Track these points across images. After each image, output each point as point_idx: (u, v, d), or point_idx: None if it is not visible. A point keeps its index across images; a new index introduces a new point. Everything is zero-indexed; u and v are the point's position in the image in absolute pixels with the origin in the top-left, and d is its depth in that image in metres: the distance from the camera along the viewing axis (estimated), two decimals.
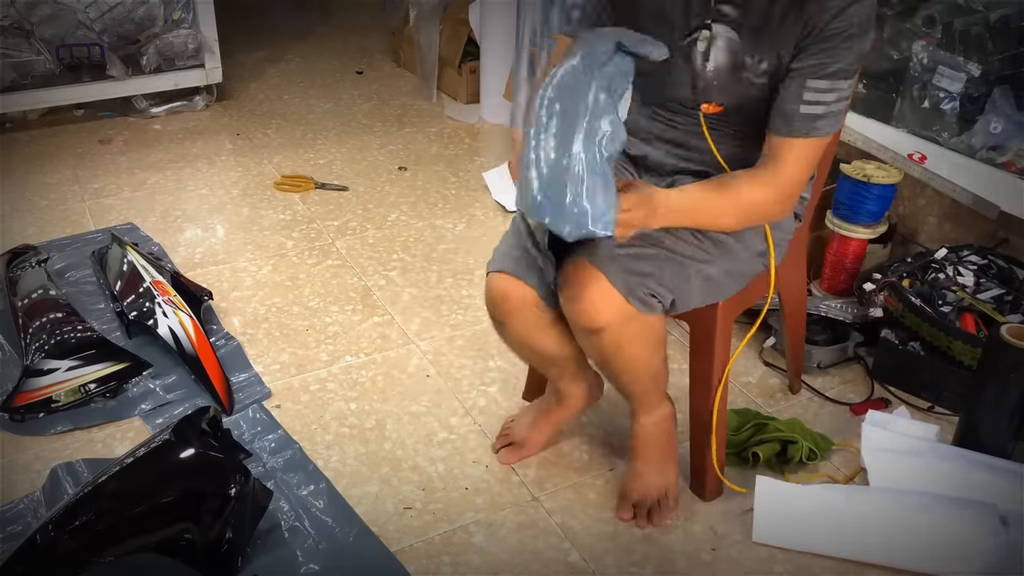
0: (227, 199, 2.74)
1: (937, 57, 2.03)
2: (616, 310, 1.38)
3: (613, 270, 1.38)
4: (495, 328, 1.60)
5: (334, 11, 4.68)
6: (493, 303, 1.53)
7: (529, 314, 1.51)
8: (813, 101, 1.35)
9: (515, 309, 1.51)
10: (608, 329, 1.39)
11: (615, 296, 1.37)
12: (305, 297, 2.25)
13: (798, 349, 1.92)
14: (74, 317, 2.00)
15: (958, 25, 1.99)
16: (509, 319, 1.53)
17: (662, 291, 1.41)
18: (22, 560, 1.34)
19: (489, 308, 1.55)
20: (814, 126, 1.37)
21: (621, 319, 1.39)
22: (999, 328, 1.63)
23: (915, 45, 2.08)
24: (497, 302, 1.52)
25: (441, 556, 1.53)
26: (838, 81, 1.35)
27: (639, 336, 1.45)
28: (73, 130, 3.16)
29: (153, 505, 1.42)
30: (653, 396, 1.57)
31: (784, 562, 1.54)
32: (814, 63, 1.34)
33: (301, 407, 1.87)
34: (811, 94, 1.35)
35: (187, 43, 3.21)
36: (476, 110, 3.41)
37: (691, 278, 1.44)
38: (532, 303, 1.50)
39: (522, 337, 1.56)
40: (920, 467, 1.62)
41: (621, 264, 1.38)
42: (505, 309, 1.52)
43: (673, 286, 1.42)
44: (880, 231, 2.06)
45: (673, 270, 1.42)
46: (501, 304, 1.52)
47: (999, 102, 1.94)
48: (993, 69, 1.95)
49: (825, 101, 1.35)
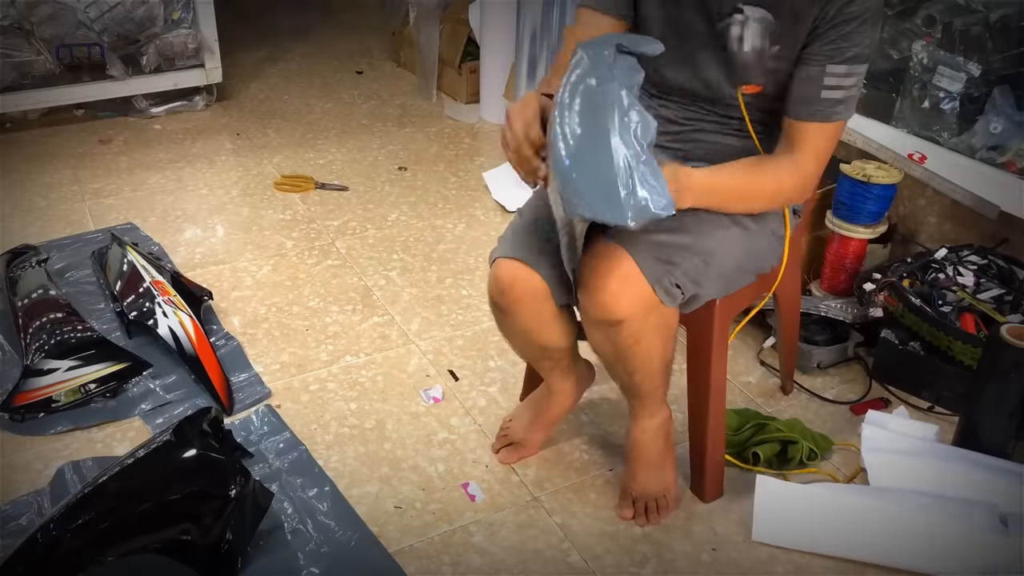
0: (227, 199, 2.74)
1: (937, 57, 2.03)
2: (640, 299, 1.37)
3: (642, 256, 1.36)
4: (496, 317, 1.57)
5: (334, 11, 4.68)
6: (500, 290, 1.49)
7: (535, 304, 1.49)
8: (834, 86, 1.37)
9: (521, 297, 1.49)
10: (629, 320, 1.38)
11: (641, 284, 1.36)
12: (305, 297, 2.25)
13: (792, 349, 1.92)
14: (74, 317, 2.00)
15: (958, 25, 1.99)
16: (516, 307, 1.50)
17: (686, 282, 1.41)
18: (23, 559, 1.34)
19: (494, 295, 1.52)
20: (835, 111, 1.39)
21: (643, 309, 1.38)
22: (999, 328, 1.63)
23: (915, 45, 2.08)
24: (504, 289, 1.49)
25: (441, 556, 1.53)
26: (856, 66, 1.37)
27: (658, 329, 1.44)
28: (73, 130, 3.16)
29: (153, 505, 1.42)
30: (659, 396, 1.56)
31: (784, 562, 1.54)
32: (831, 48, 1.35)
33: (301, 407, 1.87)
34: (831, 79, 1.37)
35: (187, 43, 3.21)
36: (476, 110, 3.41)
37: (710, 271, 1.44)
38: (541, 293, 1.48)
39: (525, 327, 1.53)
40: (920, 467, 1.62)
41: (650, 251, 1.37)
42: (513, 297, 1.49)
43: (694, 278, 1.42)
44: (880, 231, 2.06)
45: (696, 262, 1.42)
46: (508, 291, 1.48)
47: (999, 102, 1.94)
48: (993, 69, 1.95)
49: (844, 86, 1.37)
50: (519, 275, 1.48)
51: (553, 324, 1.53)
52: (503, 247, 1.52)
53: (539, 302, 1.49)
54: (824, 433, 1.78)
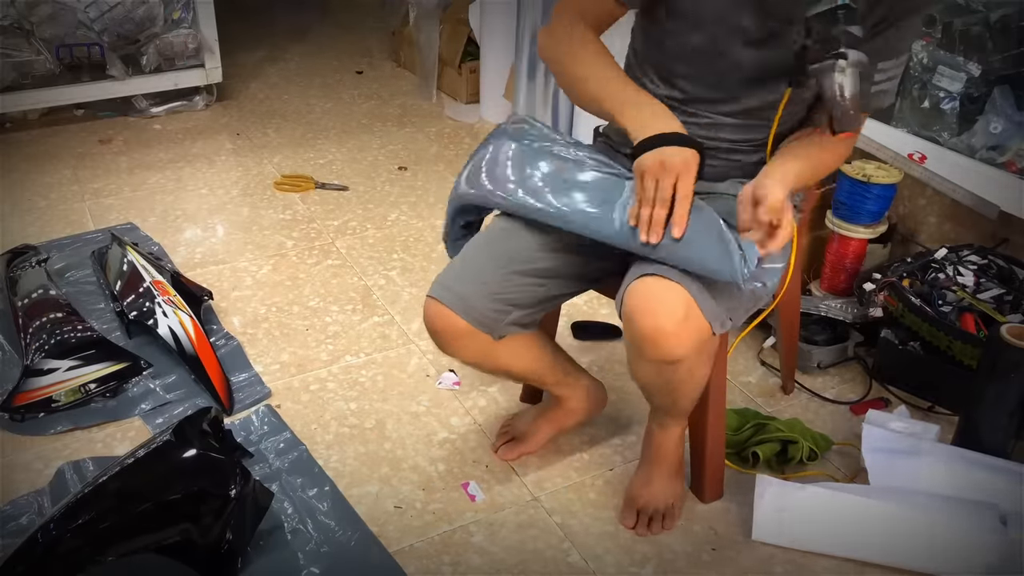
0: (227, 199, 2.74)
1: (937, 57, 2.03)
2: (700, 337, 1.31)
3: (696, 290, 1.29)
4: None
5: (334, 11, 4.69)
6: (432, 331, 1.46)
7: (470, 341, 1.44)
8: (883, 80, 1.37)
9: (452, 340, 1.45)
10: (687, 359, 1.32)
11: (700, 322, 1.30)
12: (305, 297, 2.25)
13: (792, 349, 1.92)
14: (74, 317, 2.00)
15: (958, 25, 1.99)
16: (452, 347, 1.46)
17: (738, 313, 1.38)
18: (23, 559, 1.34)
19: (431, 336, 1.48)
20: (882, 100, 1.39)
21: (700, 345, 1.32)
22: (999, 328, 1.63)
23: (915, 45, 2.07)
24: (434, 331, 1.45)
25: (441, 556, 1.53)
26: (903, 56, 1.37)
27: (708, 357, 1.41)
28: (73, 130, 3.16)
29: (153, 505, 1.41)
30: (693, 406, 1.53)
31: (784, 562, 1.54)
32: (884, 45, 1.33)
33: (301, 407, 1.87)
34: (882, 75, 1.36)
35: (187, 43, 3.21)
36: (476, 110, 3.41)
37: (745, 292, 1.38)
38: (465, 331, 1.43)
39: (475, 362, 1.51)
40: (920, 467, 1.62)
41: (704, 285, 1.30)
42: (444, 340, 1.45)
43: (736, 304, 1.37)
44: (880, 231, 2.06)
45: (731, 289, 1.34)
46: (438, 334, 1.45)
47: (999, 102, 1.94)
48: (993, 69, 1.95)
49: (892, 77, 1.37)
50: (441, 315, 1.43)
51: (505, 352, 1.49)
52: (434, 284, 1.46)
53: (471, 339, 1.44)
54: (824, 433, 1.78)
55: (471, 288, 1.42)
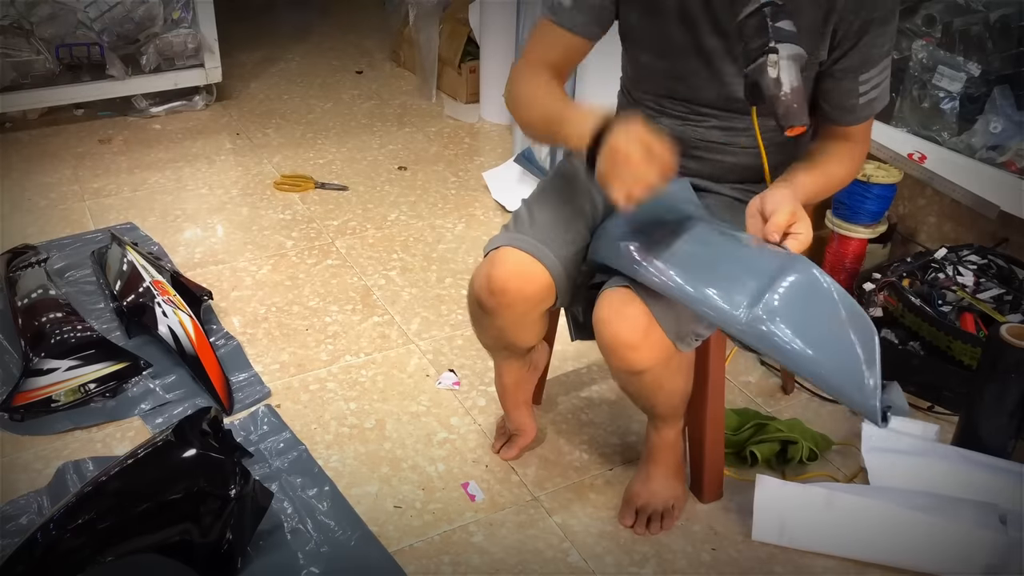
0: (227, 199, 2.74)
1: (937, 57, 2.03)
2: (660, 350, 1.34)
3: (659, 306, 1.31)
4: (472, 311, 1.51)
5: (334, 11, 4.68)
6: (491, 291, 1.40)
7: (525, 308, 1.42)
8: (868, 89, 1.38)
9: (512, 303, 1.41)
10: (650, 370, 1.36)
11: (659, 336, 1.32)
12: (305, 297, 2.25)
13: None
14: (74, 317, 2.00)
15: (958, 25, 1.99)
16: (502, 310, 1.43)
17: (701, 329, 1.38)
18: (23, 559, 1.34)
19: (481, 294, 1.42)
20: (873, 107, 1.41)
21: (664, 358, 1.35)
22: (999, 328, 1.63)
23: (915, 45, 2.08)
24: (496, 291, 1.40)
25: (441, 556, 1.53)
26: (884, 60, 1.37)
27: (679, 370, 1.44)
28: (73, 130, 3.16)
29: (153, 505, 1.42)
30: (680, 411, 1.56)
31: (784, 562, 1.54)
32: (859, 59, 1.35)
33: (301, 407, 1.87)
34: (865, 86, 1.37)
35: (187, 43, 3.21)
36: (476, 110, 3.41)
37: None
38: (537, 296, 1.40)
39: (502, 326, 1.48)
40: (920, 467, 1.62)
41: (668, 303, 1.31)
42: (505, 301, 1.41)
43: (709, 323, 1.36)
44: (880, 231, 2.06)
45: None
46: (500, 294, 1.40)
47: (999, 102, 1.94)
48: (993, 69, 1.95)
49: (878, 84, 1.38)
50: (522, 271, 1.39)
51: (532, 328, 1.51)
52: (506, 235, 1.42)
53: (531, 305, 1.43)
54: (824, 433, 1.78)
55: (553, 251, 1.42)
